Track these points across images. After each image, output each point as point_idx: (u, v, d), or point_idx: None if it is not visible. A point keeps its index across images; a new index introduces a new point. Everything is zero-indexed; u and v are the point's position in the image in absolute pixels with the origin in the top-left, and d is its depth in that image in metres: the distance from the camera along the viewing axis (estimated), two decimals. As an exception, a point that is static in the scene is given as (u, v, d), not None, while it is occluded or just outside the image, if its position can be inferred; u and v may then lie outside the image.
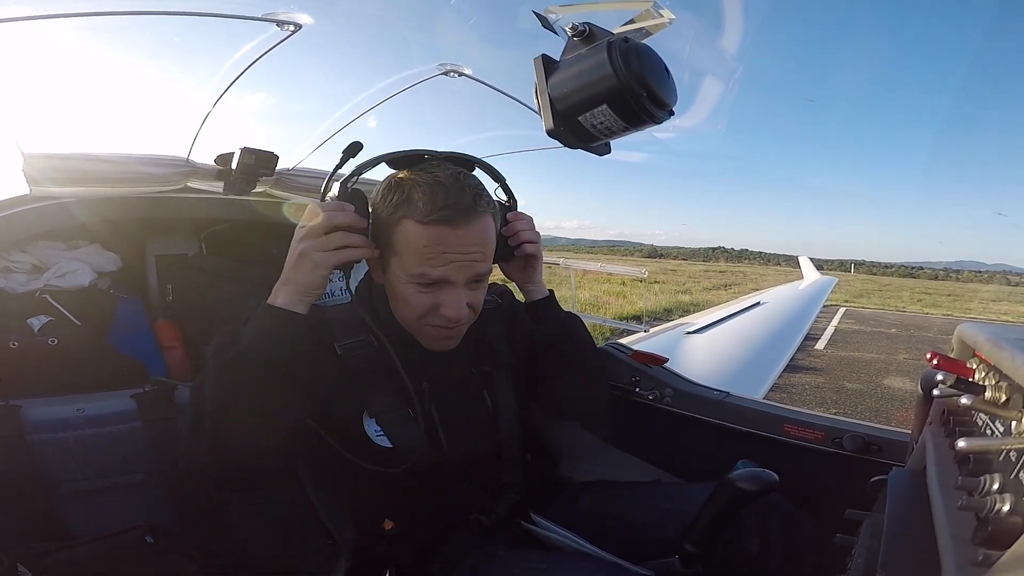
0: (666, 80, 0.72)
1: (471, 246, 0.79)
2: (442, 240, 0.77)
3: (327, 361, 0.84)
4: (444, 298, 0.80)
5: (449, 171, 0.79)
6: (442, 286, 0.80)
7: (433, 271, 0.78)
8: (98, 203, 1.34)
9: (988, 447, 0.44)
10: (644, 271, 7.35)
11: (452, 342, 0.88)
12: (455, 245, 0.77)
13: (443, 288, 0.80)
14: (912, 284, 42.19)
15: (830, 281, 9.67)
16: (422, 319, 0.83)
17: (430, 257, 0.77)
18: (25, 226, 1.25)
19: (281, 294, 0.76)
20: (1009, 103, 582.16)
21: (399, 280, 0.81)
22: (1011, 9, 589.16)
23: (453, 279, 0.79)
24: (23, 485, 1.03)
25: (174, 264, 1.62)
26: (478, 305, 0.86)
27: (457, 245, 0.77)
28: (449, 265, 0.78)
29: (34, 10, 0.97)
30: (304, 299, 0.76)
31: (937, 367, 0.55)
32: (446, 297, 0.80)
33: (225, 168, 1.44)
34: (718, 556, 0.83)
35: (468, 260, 0.79)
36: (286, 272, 0.77)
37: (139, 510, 1.13)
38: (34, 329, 1.20)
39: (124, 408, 1.12)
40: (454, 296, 0.80)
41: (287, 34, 1.11)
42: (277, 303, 0.75)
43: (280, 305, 0.75)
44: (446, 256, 0.77)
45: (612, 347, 1.47)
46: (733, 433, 1.23)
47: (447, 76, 1.35)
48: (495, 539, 0.93)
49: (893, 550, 0.50)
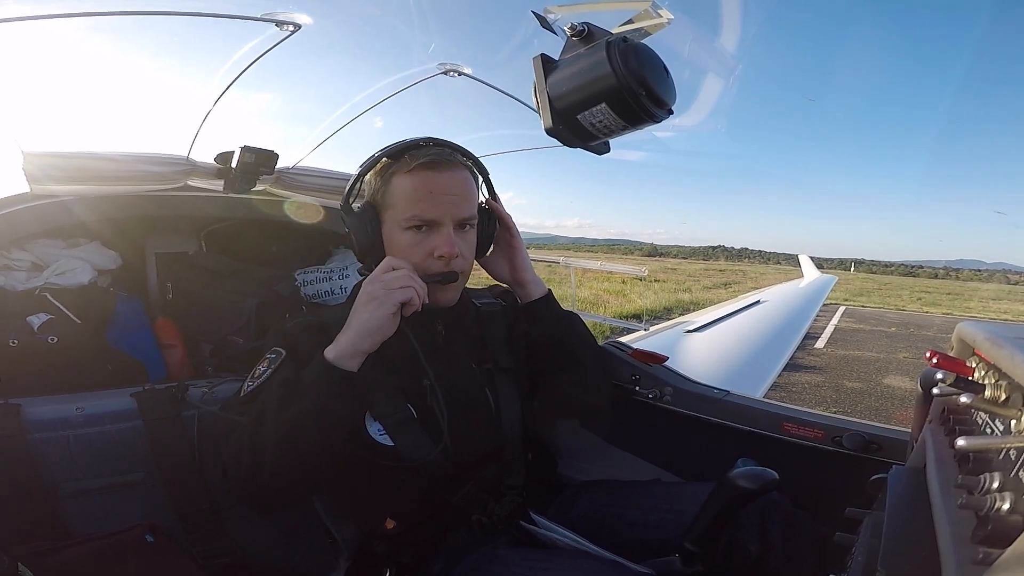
0: (665, 79, 0.72)
1: (455, 187, 0.88)
2: (428, 182, 0.86)
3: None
4: (436, 240, 0.88)
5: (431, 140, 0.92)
6: (433, 229, 0.88)
7: (424, 212, 0.86)
8: (98, 201, 1.34)
9: (988, 446, 0.44)
10: (644, 270, 7.34)
11: (451, 293, 0.93)
12: (440, 186, 0.87)
13: (434, 231, 0.88)
14: (912, 283, 42.20)
15: (830, 280, 9.67)
16: (420, 268, 0.87)
17: (419, 199, 0.86)
18: (25, 224, 1.25)
19: (339, 343, 0.80)
20: (1009, 102, 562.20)
21: (394, 232, 0.89)
22: (1011, 7, 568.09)
23: (441, 219, 0.87)
24: (23, 484, 1.03)
25: (174, 262, 1.61)
26: (468, 254, 0.92)
27: (442, 186, 0.87)
28: (437, 205, 0.87)
29: (34, 10, 0.96)
30: (360, 348, 0.80)
31: (937, 366, 0.55)
32: (437, 239, 0.88)
33: (225, 166, 1.44)
34: (718, 555, 0.83)
35: (453, 200, 0.88)
36: (350, 318, 0.82)
37: (139, 509, 1.12)
38: (34, 327, 1.20)
39: (124, 407, 1.12)
40: (444, 235, 0.88)
41: (287, 34, 1.11)
42: (330, 357, 0.79)
43: (333, 360, 0.79)
44: (433, 196, 0.86)
45: (612, 345, 1.47)
46: (733, 432, 1.23)
47: (447, 76, 1.35)
48: (495, 539, 0.93)
49: (893, 548, 0.50)
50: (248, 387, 0.88)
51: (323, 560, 1.29)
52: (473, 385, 0.96)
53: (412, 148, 0.89)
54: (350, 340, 0.79)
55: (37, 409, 1.05)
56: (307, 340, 0.90)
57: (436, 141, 0.91)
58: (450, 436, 0.88)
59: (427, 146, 0.90)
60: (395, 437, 0.87)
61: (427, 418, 0.89)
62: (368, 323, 0.79)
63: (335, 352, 0.79)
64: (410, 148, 0.89)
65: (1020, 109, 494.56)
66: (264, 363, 0.89)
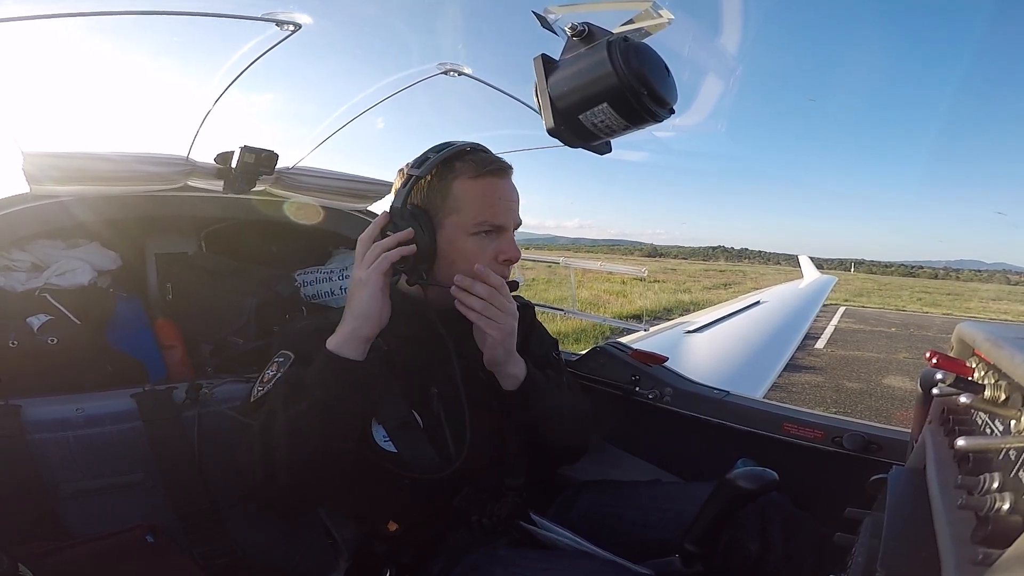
0: (666, 78, 0.72)
1: (515, 194, 0.91)
2: (496, 188, 0.88)
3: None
4: (502, 244, 0.89)
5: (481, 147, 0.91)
6: (497, 234, 0.89)
7: (495, 217, 0.87)
8: (98, 202, 1.34)
9: (987, 446, 0.44)
10: (644, 270, 7.35)
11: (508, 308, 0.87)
12: (507, 193, 0.89)
13: (498, 236, 0.89)
14: (912, 283, 42.21)
15: (830, 280, 9.67)
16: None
17: (490, 204, 0.87)
18: (25, 225, 1.25)
19: (339, 333, 0.80)
20: (1009, 102, 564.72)
21: (459, 237, 0.87)
22: (1011, 7, 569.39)
23: (507, 224, 0.89)
24: (23, 484, 1.03)
25: (174, 263, 1.61)
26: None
27: (507, 193, 0.89)
28: (505, 211, 0.88)
29: (34, 10, 0.96)
30: (359, 334, 0.80)
31: (937, 366, 0.55)
32: (504, 243, 0.89)
33: (225, 167, 1.44)
34: (718, 555, 0.83)
35: (515, 208, 0.90)
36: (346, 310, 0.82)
37: (139, 510, 1.13)
38: (34, 328, 1.20)
39: (124, 408, 1.12)
40: (509, 240, 0.90)
41: (287, 34, 1.11)
42: (331, 346, 0.79)
43: (334, 349, 0.79)
44: (502, 203, 0.88)
45: (612, 346, 1.47)
46: (733, 432, 1.23)
47: (447, 75, 1.35)
48: (495, 539, 0.93)
49: (893, 549, 0.50)
50: (258, 391, 0.87)
51: (323, 560, 1.29)
52: (479, 393, 0.95)
53: (469, 153, 0.88)
54: (348, 326, 0.80)
55: (37, 410, 1.05)
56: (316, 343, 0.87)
57: (484, 148, 0.91)
58: (455, 445, 0.88)
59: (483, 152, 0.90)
60: (397, 444, 0.86)
61: (433, 427, 0.89)
62: (361, 306, 0.80)
63: (336, 341, 0.79)
64: (468, 153, 0.88)
65: (1020, 109, 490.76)
66: (273, 367, 0.89)
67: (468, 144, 0.90)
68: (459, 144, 0.89)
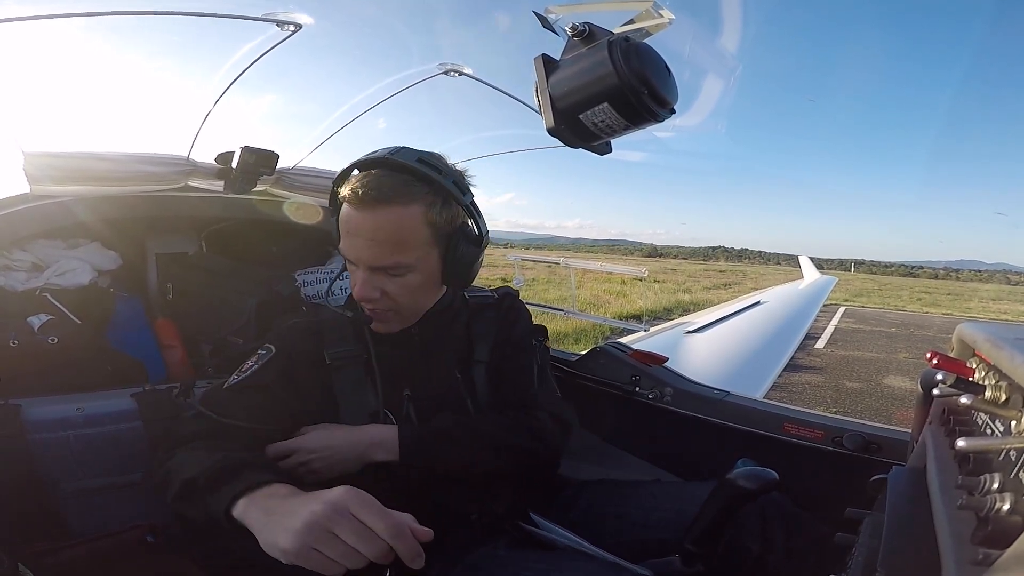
0: (667, 78, 0.72)
1: (372, 232, 0.80)
2: (348, 220, 0.81)
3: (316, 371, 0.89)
4: (355, 279, 0.84)
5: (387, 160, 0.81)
6: (356, 268, 0.84)
7: (345, 250, 0.83)
8: (98, 202, 1.34)
9: (988, 446, 0.44)
10: (644, 270, 7.33)
11: (382, 325, 0.90)
12: (357, 227, 0.80)
13: (356, 270, 0.84)
14: (912, 283, 42.20)
15: (830, 280, 9.68)
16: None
17: (344, 233, 0.82)
18: (25, 225, 1.25)
19: (250, 517, 0.67)
20: (1009, 102, 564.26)
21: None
22: (1011, 7, 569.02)
23: (355, 260, 0.83)
24: (23, 484, 1.03)
25: (174, 263, 1.61)
26: (400, 297, 0.85)
27: (359, 228, 0.80)
28: (353, 246, 0.82)
29: (34, 10, 0.96)
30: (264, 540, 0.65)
31: (937, 366, 0.55)
32: (355, 278, 0.84)
33: (226, 167, 1.44)
34: (718, 555, 0.83)
35: (367, 246, 0.80)
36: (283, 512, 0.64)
37: (139, 509, 1.12)
38: (34, 327, 1.20)
39: (124, 407, 1.12)
40: (357, 277, 0.84)
41: (287, 34, 1.11)
42: (237, 514, 0.69)
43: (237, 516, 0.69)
44: (349, 236, 0.82)
45: (612, 346, 1.47)
46: (733, 432, 1.23)
47: (447, 76, 1.35)
48: (495, 539, 0.93)
49: (893, 549, 0.50)
50: (233, 380, 0.90)
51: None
52: (451, 393, 0.96)
53: (357, 169, 0.82)
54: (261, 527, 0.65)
55: (37, 409, 1.05)
56: (300, 341, 0.92)
57: (393, 162, 0.80)
58: None
59: (380, 167, 0.81)
60: None
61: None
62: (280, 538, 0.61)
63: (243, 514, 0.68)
64: (356, 168, 0.83)
65: (1020, 109, 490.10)
66: (254, 358, 0.91)
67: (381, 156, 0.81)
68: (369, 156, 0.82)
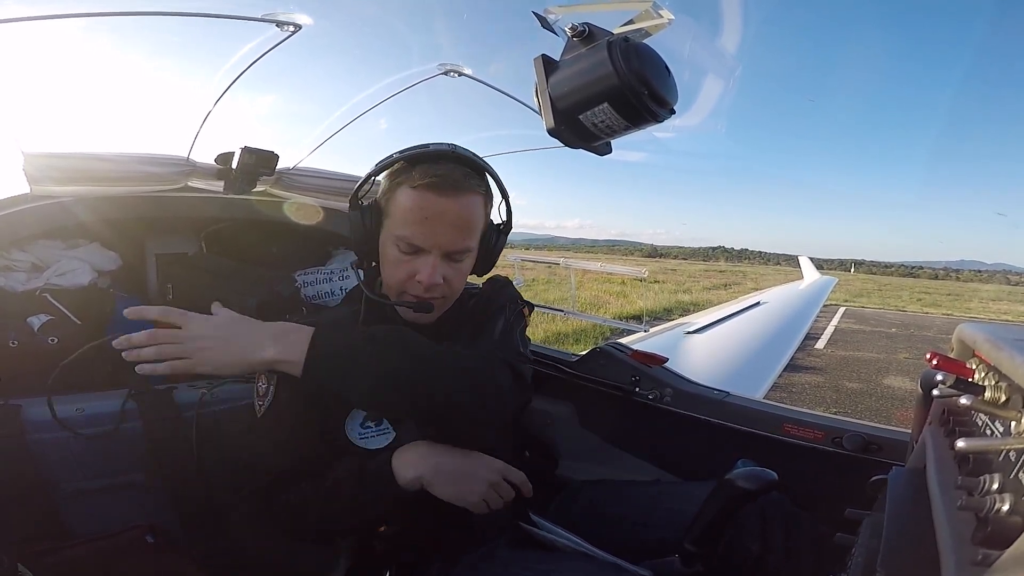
0: (667, 78, 0.72)
1: (454, 217, 0.82)
2: (429, 205, 0.81)
3: None
4: (419, 265, 0.84)
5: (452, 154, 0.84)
6: (419, 255, 0.83)
7: (414, 238, 0.82)
8: (98, 202, 1.34)
9: (988, 447, 0.44)
10: (644, 271, 7.35)
11: (426, 317, 0.89)
12: (441, 212, 0.81)
13: (420, 256, 0.84)
14: (912, 284, 42.20)
15: (830, 281, 9.69)
16: (401, 287, 0.86)
17: (415, 221, 0.81)
18: (25, 225, 1.25)
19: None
20: (1009, 102, 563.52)
21: (387, 242, 0.86)
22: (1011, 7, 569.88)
23: (429, 247, 0.83)
24: (23, 484, 1.03)
25: (174, 263, 1.61)
26: (455, 282, 0.88)
27: (443, 212, 0.81)
28: (430, 232, 0.82)
29: (35, 10, 0.96)
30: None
31: (937, 367, 0.55)
32: (420, 264, 0.83)
33: (225, 167, 1.44)
34: (718, 555, 0.83)
35: (447, 232, 0.82)
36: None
37: (139, 510, 1.13)
38: (34, 328, 1.20)
39: (124, 407, 1.12)
40: (427, 264, 0.83)
41: (287, 34, 1.11)
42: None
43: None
44: (428, 222, 0.81)
45: (612, 347, 1.47)
46: (733, 433, 1.23)
47: (447, 76, 1.35)
48: (495, 539, 0.93)
49: (893, 549, 0.50)
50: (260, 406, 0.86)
51: (323, 560, 1.29)
52: None
53: (428, 160, 0.83)
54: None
55: (37, 409, 1.05)
56: None
57: (459, 155, 0.84)
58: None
59: (446, 160, 0.83)
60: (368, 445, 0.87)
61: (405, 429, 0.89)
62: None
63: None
64: (425, 159, 0.83)
65: (1020, 109, 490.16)
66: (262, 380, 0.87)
67: (444, 149, 0.84)
68: (432, 148, 0.84)
